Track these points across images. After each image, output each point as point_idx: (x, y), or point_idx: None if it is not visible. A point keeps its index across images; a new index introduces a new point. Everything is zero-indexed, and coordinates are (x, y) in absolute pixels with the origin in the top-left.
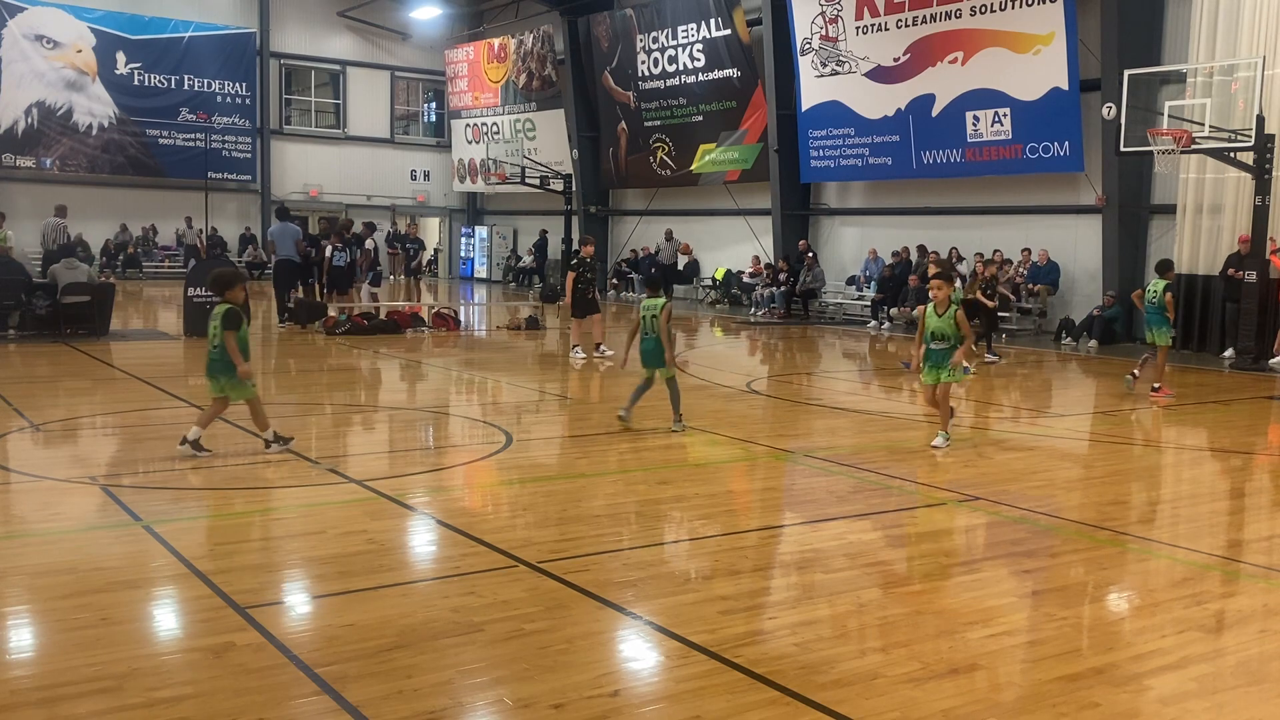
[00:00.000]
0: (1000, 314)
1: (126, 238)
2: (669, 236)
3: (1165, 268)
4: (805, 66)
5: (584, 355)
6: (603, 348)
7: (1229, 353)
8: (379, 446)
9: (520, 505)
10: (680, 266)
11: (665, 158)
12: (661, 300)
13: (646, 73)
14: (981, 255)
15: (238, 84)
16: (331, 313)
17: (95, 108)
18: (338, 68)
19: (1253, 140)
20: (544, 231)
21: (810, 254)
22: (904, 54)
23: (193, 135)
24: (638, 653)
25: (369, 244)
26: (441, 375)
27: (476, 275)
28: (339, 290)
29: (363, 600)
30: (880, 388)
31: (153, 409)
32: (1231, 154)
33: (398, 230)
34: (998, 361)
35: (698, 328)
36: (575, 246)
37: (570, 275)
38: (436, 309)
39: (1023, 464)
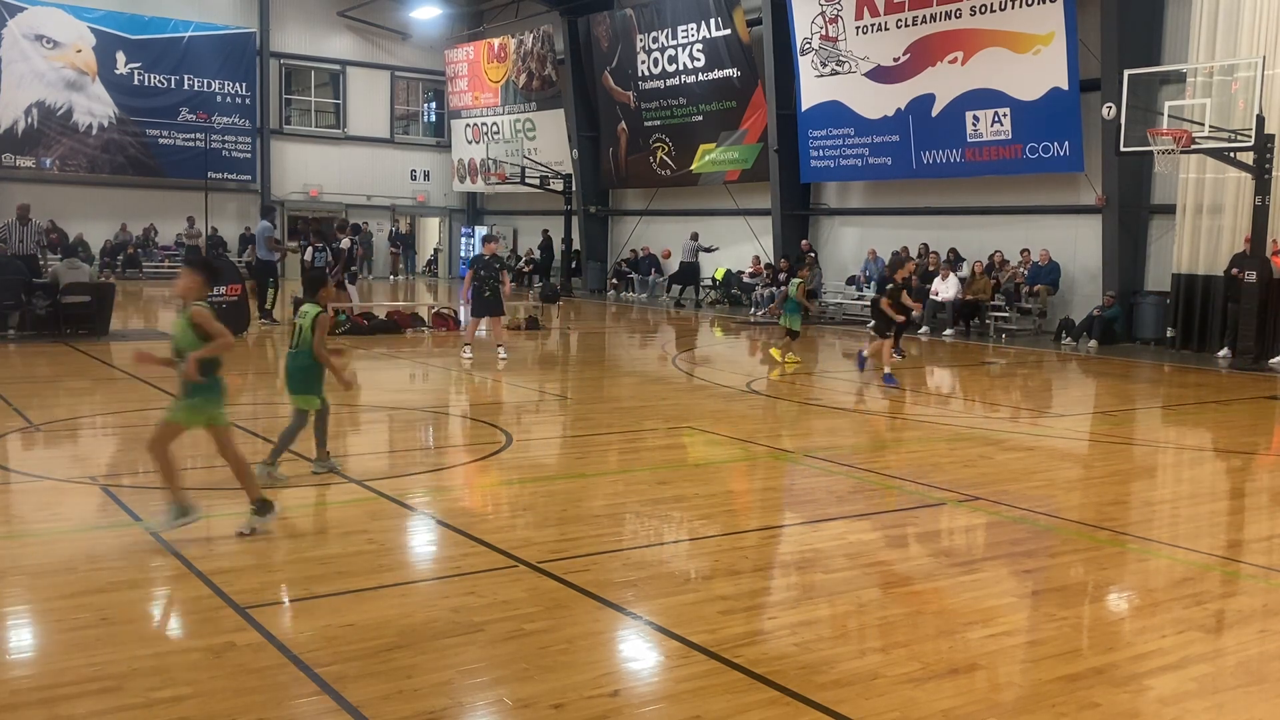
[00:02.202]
0: (999, 313)
1: (126, 238)
2: (694, 238)
3: None
4: (805, 66)
5: (471, 356)
6: (500, 349)
7: (1224, 352)
8: (379, 446)
9: (520, 505)
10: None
11: (665, 158)
12: (316, 308)
13: (646, 73)
14: (902, 252)
15: (238, 84)
16: (330, 312)
17: (95, 108)
18: (338, 67)
19: (1253, 140)
20: (545, 231)
21: (810, 254)
22: (904, 54)
23: (193, 135)
24: (638, 653)
25: (344, 244)
26: (441, 375)
27: None
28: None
29: (363, 600)
30: (880, 387)
31: (153, 409)
32: (1231, 154)
33: (398, 229)
34: (900, 359)
35: (697, 328)
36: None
37: (469, 273)
38: (436, 309)
39: (1022, 464)
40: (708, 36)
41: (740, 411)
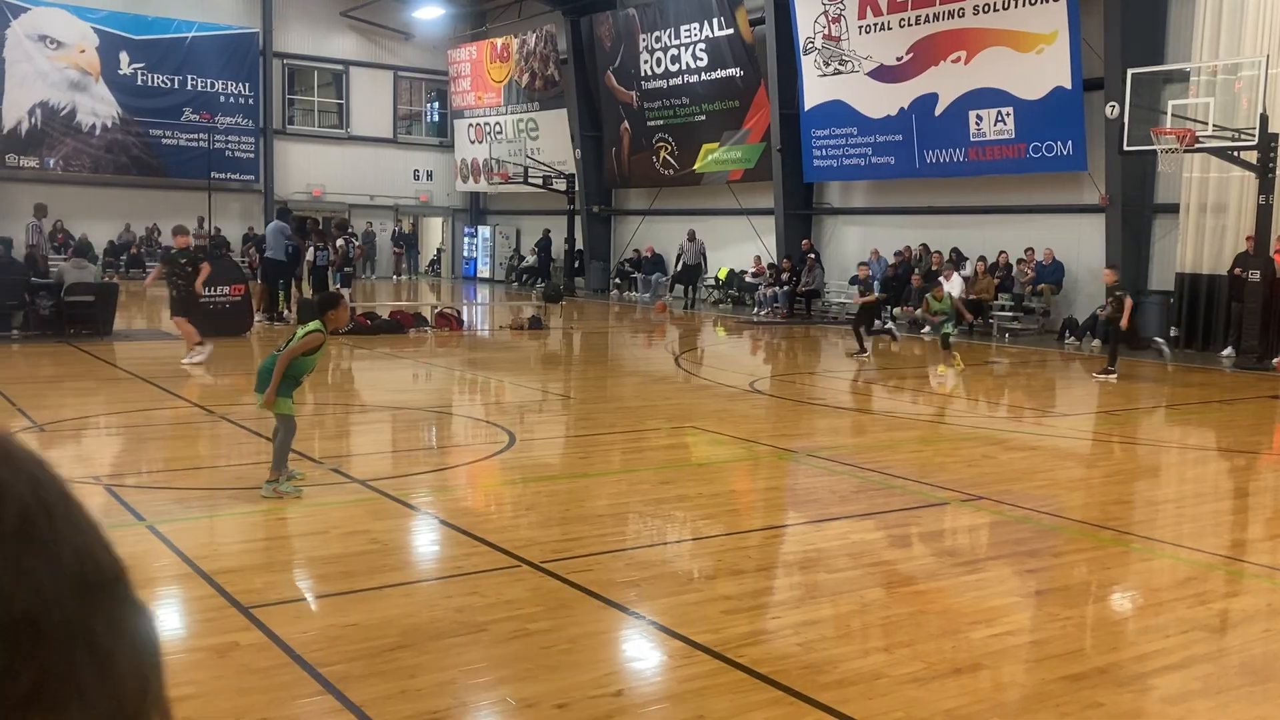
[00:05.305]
0: (1003, 313)
1: (130, 238)
2: (691, 237)
3: None
4: (808, 66)
5: (200, 358)
6: (194, 352)
7: (1227, 352)
8: (382, 446)
9: (523, 505)
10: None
11: (668, 157)
12: (314, 325)
13: (649, 72)
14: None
15: (241, 84)
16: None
17: (98, 108)
18: (340, 68)
19: (1256, 139)
20: (547, 231)
21: (811, 255)
22: (907, 53)
23: (196, 135)
24: (641, 652)
25: (339, 243)
26: (444, 375)
27: (479, 275)
28: (316, 290)
29: (366, 600)
30: (883, 387)
31: (156, 409)
32: (1235, 153)
33: (400, 229)
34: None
35: (700, 328)
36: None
37: (156, 269)
38: (439, 309)
39: (1026, 463)
40: (710, 36)
41: (743, 411)
